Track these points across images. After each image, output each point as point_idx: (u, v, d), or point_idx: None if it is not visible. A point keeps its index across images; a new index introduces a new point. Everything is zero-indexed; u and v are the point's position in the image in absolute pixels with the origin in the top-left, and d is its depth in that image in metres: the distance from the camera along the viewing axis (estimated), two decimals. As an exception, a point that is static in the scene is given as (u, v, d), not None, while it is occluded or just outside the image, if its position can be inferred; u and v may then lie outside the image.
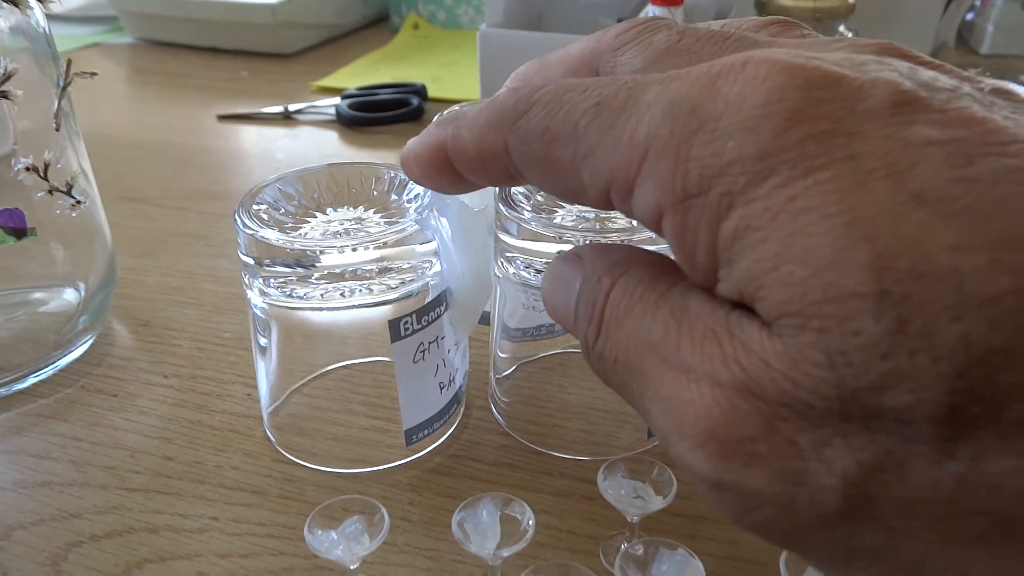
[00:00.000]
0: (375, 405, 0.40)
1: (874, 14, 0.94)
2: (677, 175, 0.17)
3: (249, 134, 0.77)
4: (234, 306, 0.48)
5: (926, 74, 0.17)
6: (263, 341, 0.38)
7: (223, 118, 0.80)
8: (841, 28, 0.81)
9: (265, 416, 0.39)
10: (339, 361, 0.42)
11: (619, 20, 0.84)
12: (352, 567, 0.29)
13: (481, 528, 0.28)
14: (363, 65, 0.95)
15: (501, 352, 0.41)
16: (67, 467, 0.36)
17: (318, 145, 0.74)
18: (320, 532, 0.28)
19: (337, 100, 0.80)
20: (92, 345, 0.45)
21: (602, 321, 0.19)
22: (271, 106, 0.80)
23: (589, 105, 0.19)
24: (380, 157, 0.71)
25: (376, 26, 1.14)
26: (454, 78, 0.90)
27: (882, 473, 0.15)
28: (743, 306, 0.17)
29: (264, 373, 0.38)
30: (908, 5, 0.95)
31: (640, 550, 0.27)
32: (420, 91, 0.81)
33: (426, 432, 0.36)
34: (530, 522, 0.28)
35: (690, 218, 0.17)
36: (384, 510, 0.29)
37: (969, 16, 0.85)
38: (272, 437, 0.38)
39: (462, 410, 0.39)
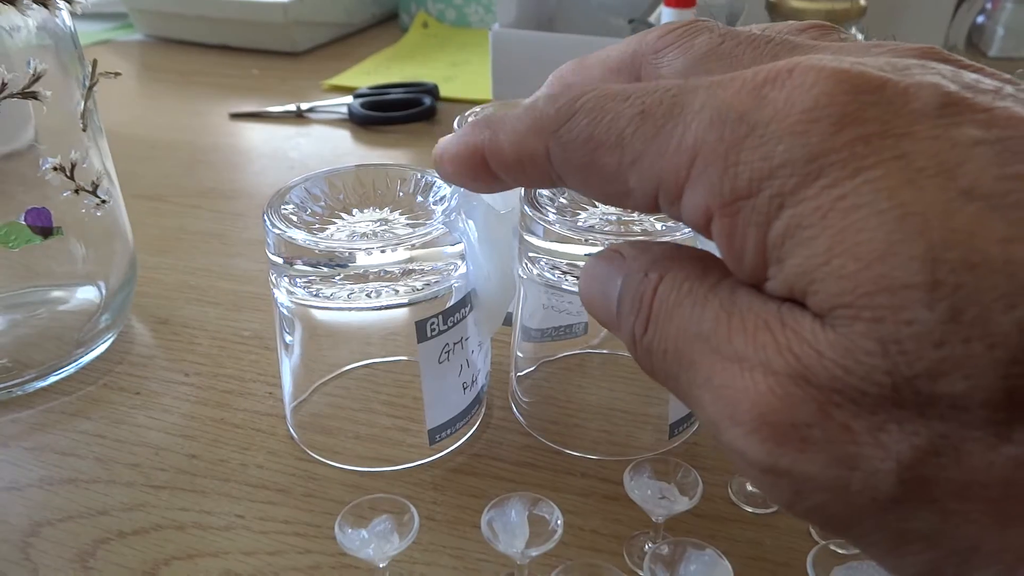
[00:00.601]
0: (397, 404, 0.40)
1: (884, 16, 0.94)
2: (726, 178, 0.17)
3: (261, 132, 0.77)
4: (252, 304, 0.49)
5: (969, 76, 0.17)
6: (288, 339, 0.38)
7: (235, 116, 0.80)
8: (852, 30, 0.81)
9: (288, 414, 0.39)
10: (361, 360, 0.42)
11: (630, 21, 0.84)
12: (381, 565, 0.29)
13: (510, 527, 0.28)
14: (374, 64, 0.96)
15: (521, 352, 0.42)
16: (92, 464, 0.37)
17: (331, 144, 0.74)
18: (351, 530, 0.28)
19: (349, 99, 0.80)
20: (113, 343, 0.45)
21: (650, 314, 0.20)
22: (283, 104, 0.81)
23: (633, 113, 0.19)
24: (393, 156, 0.71)
25: (385, 24, 1.14)
26: (465, 77, 0.90)
27: (937, 457, 0.15)
28: (792, 301, 0.17)
29: (288, 370, 0.39)
30: (918, 7, 0.95)
31: (667, 550, 0.27)
32: (432, 91, 0.81)
33: (449, 432, 0.37)
34: (559, 522, 0.28)
35: (739, 219, 0.17)
36: (413, 509, 0.29)
37: (979, 19, 0.85)
38: (295, 435, 0.38)
39: (483, 410, 0.40)
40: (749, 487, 0.35)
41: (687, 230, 0.33)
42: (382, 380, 0.42)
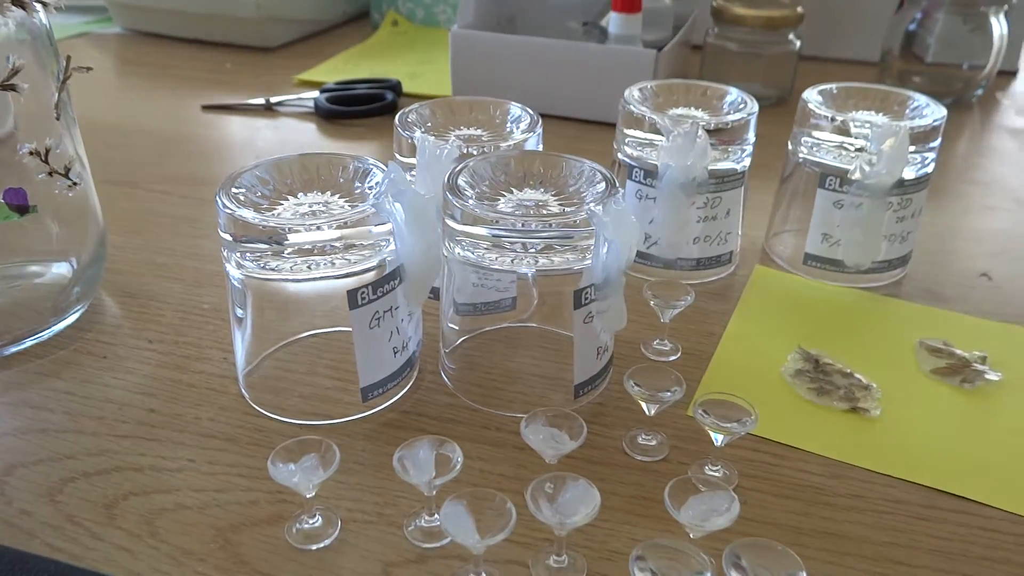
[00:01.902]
0: (339, 368, 0.45)
1: (823, 23, 1.00)
2: None
3: (232, 124, 0.81)
4: (214, 281, 0.53)
5: None
6: (240, 312, 0.42)
7: (207, 108, 0.84)
8: (791, 36, 0.86)
9: (240, 376, 0.44)
10: (309, 330, 0.47)
11: (583, 24, 0.89)
12: (308, 496, 0.34)
13: (418, 464, 0.33)
14: (343, 60, 1.00)
15: (452, 325, 0.46)
16: (62, 417, 0.41)
17: (297, 136, 0.79)
18: (281, 465, 0.33)
19: (316, 93, 0.84)
20: (84, 313, 0.49)
21: None
22: (253, 97, 0.85)
23: None
24: (354, 148, 0.76)
25: (357, 22, 1.18)
26: (429, 75, 0.95)
27: None
28: None
29: (240, 341, 0.43)
30: (855, 15, 1.01)
31: (549, 485, 0.32)
32: (395, 87, 0.85)
33: (381, 391, 0.41)
34: (459, 459, 0.33)
35: None
36: (335, 447, 0.34)
37: (911, 27, 0.90)
38: (246, 394, 0.43)
39: (415, 374, 0.44)
40: (640, 440, 0.40)
41: (586, 229, 0.38)
42: (327, 348, 0.46)
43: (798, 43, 0.87)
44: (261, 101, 0.84)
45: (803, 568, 0.28)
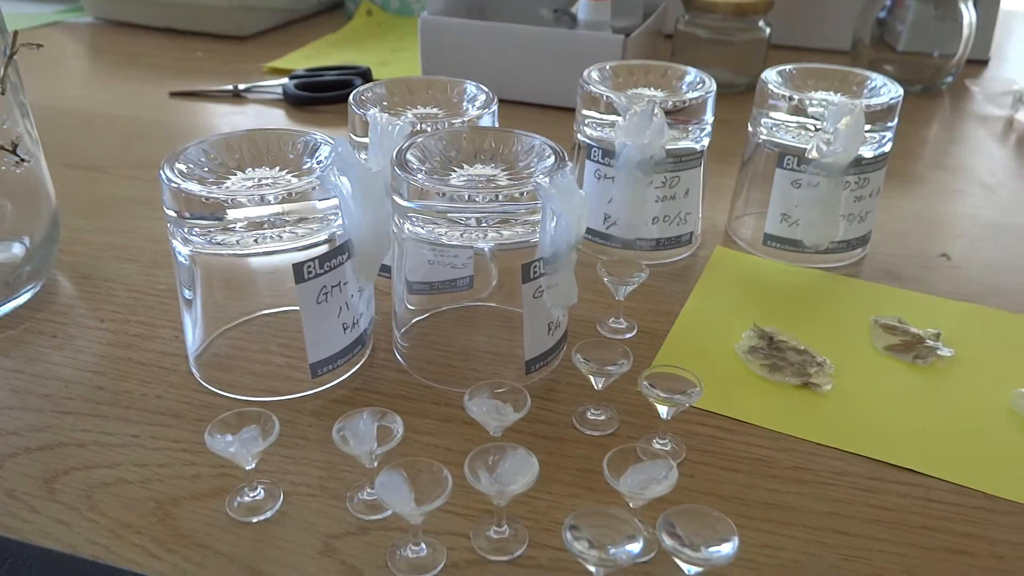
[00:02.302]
0: (291, 347, 0.45)
1: (794, 10, 1.00)
2: None
3: (199, 110, 0.81)
4: (169, 262, 0.52)
5: None
6: (188, 294, 0.42)
7: (175, 95, 0.84)
8: (760, 23, 0.87)
9: (191, 356, 0.43)
10: (261, 310, 0.47)
11: (554, 11, 0.89)
12: (248, 467, 0.34)
13: (359, 435, 0.33)
14: (315, 48, 0.99)
15: (408, 304, 0.46)
16: (7, 394, 0.41)
17: (264, 121, 0.78)
18: (219, 436, 0.33)
19: (285, 80, 0.84)
20: (36, 294, 0.49)
21: None
22: (222, 85, 0.84)
23: None
24: (322, 134, 0.75)
25: (331, 12, 1.17)
26: (400, 63, 0.94)
27: None
28: None
29: (190, 322, 0.43)
30: (827, 3, 1.01)
31: (490, 455, 0.32)
32: (364, 73, 0.85)
33: (330, 367, 0.41)
34: (400, 430, 0.33)
35: None
36: (275, 419, 0.33)
37: (882, 15, 0.91)
38: (196, 373, 0.43)
39: (367, 352, 0.44)
40: (590, 415, 0.40)
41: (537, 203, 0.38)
42: (279, 327, 0.46)
43: (768, 30, 0.87)
44: (229, 88, 0.84)
45: (736, 533, 0.28)
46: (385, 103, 0.50)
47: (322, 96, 0.81)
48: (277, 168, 0.41)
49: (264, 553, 0.33)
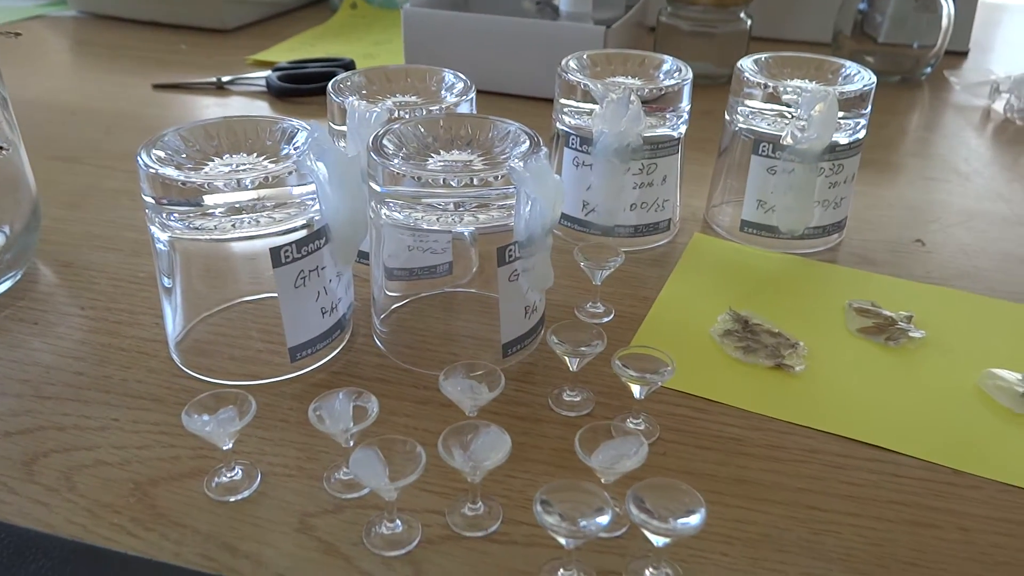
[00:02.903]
0: (270, 333, 0.45)
1: (775, 2, 1.01)
2: None
3: (182, 102, 0.81)
4: (150, 251, 0.53)
5: None
6: (167, 282, 0.42)
7: (158, 87, 0.84)
8: (741, 15, 0.87)
9: (171, 342, 0.44)
10: (241, 297, 0.47)
11: (537, 3, 0.89)
12: (225, 448, 0.34)
13: (335, 415, 0.34)
14: (300, 41, 1.00)
15: (387, 291, 0.47)
16: (-13, 380, 0.41)
17: (247, 113, 0.78)
18: (196, 416, 0.33)
19: (268, 72, 0.84)
20: (17, 282, 0.49)
21: None
22: (205, 77, 0.84)
23: None
24: (305, 125, 0.76)
25: (316, 5, 1.17)
26: (384, 55, 0.95)
27: None
28: None
29: (169, 310, 0.43)
30: (808, -4, 1.01)
31: (465, 433, 0.32)
32: (348, 66, 0.85)
33: (309, 351, 0.42)
34: (375, 409, 0.34)
35: None
36: (252, 399, 0.34)
37: (862, 7, 0.91)
38: (176, 358, 0.43)
39: (347, 336, 0.45)
40: (565, 397, 0.41)
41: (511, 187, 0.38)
42: (259, 314, 0.47)
43: (749, 21, 0.88)
44: (213, 80, 0.84)
45: (703, 504, 0.29)
46: (364, 91, 0.50)
47: (305, 88, 0.81)
48: (255, 155, 0.42)
49: (241, 531, 0.33)
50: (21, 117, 0.49)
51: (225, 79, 0.84)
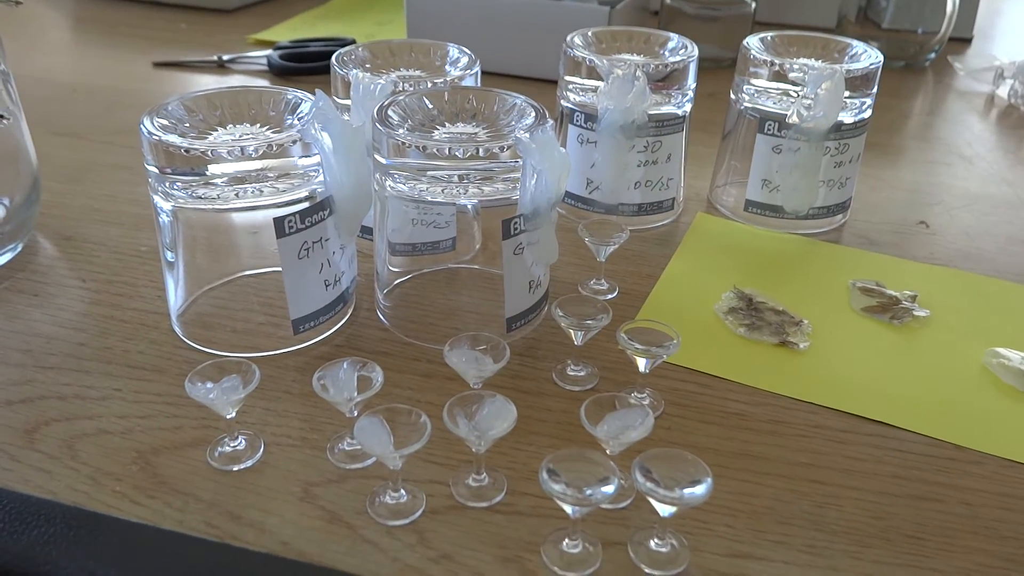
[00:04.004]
0: (273, 306, 0.45)
1: (779, -13, 1.00)
2: None
3: (182, 79, 0.80)
4: (152, 225, 0.52)
5: None
6: (170, 256, 0.42)
7: (158, 65, 0.83)
8: (746, -2, 0.87)
9: (173, 314, 0.43)
10: (243, 270, 0.47)
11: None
12: (229, 416, 0.34)
13: (339, 384, 0.33)
14: (301, 21, 0.99)
15: (390, 266, 0.46)
16: (-12, 350, 0.41)
17: (249, 92, 0.78)
18: (199, 383, 0.33)
19: (269, 51, 0.83)
20: (17, 254, 0.49)
21: None
22: (206, 55, 0.84)
23: None
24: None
25: (318, -14, 1.16)
26: (385, 35, 0.94)
27: None
28: None
29: (172, 283, 0.43)
30: (813, -20, 1.01)
31: (470, 403, 0.32)
32: (349, 44, 0.85)
33: (312, 324, 0.41)
34: (379, 378, 0.33)
35: None
36: (256, 368, 0.34)
37: (866, -8, 0.91)
38: (178, 330, 0.43)
39: (350, 310, 0.44)
40: (569, 371, 0.41)
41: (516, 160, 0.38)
42: (261, 287, 0.46)
43: (753, 5, 0.87)
44: (214, 59, 0.83)
45: (709, 474, 0.29)
46: (368, 65, 0.50)
47: (307, 67, 0.80)
48: (258, 125, 0.41)
49: (244, 499, 0.33)
50: (22, 92, 0.49)
51: (226, 58, 0.83)
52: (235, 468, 0.34)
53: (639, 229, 0.54)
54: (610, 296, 0.47)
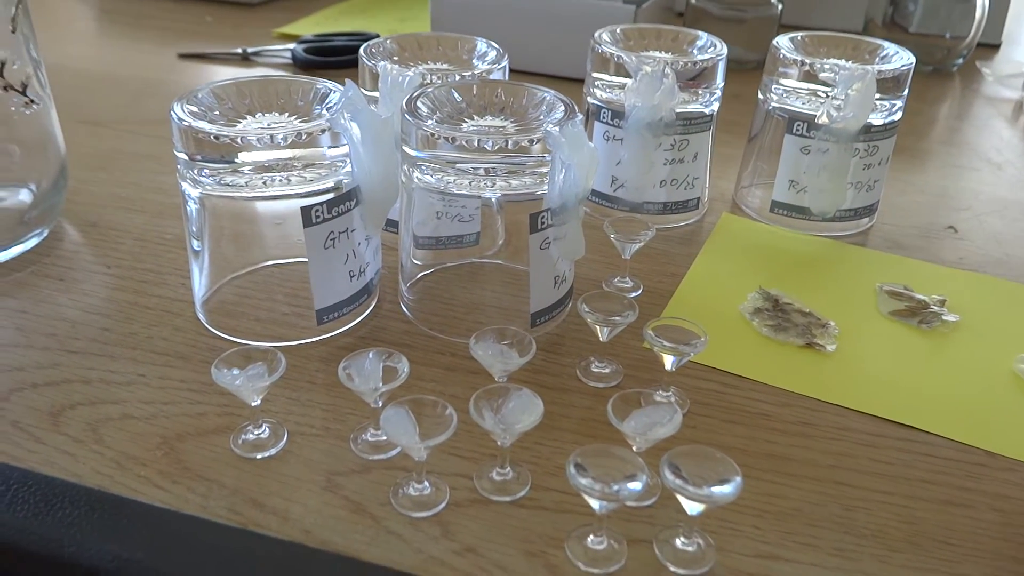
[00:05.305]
0: (297, 296, 0.45)
1: (806, -11, 0.99)
2: None
3: (206, 71, 0.81)
4: (177, 213, 0.53)
5: None
6: (196, 245, 0.42)
7: (183, 56, 0.83)
8: (772, 0, 0.86)
9: (197, 302, 0.43)
10: (268, 260, 0.47)
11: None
12: (254, 404, 0.34)
13: (364, 373, 0.33)
14: (325, 16, 0.99)
15: (414, 259, 0.46)
16: (13, 333, 0.41)
17: (272, 85, 0.78)
18: (225, 370, 0.33)
19: (293, 45, 0.84)
20: (43, 240, 0.49)
21: None
22: (231, 48, 0.84)
23: None
24: (330, 98, 0.75)
25: (342, -18, 1.17)
26: (408, 31, 0.94)
27: None
28: None
29: (197, 271, 0.43)
30: (840, -17, 1.00)
31: (496, 396, 0.32)
32: (372, 39, 0.84)
33: (336, 315, 0.41)
34: (405, 369, 0.33)
35: None
36: (282, 356, 0.33)
37: (894, -5, 0.90)
38: (202, 318, 0.43)
39: (373, 302, 0.44)
40: (594, 368, 0.40)
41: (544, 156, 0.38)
42: (288, 277, 0.46)
43: (780, 6, 0.87)
44: (238, 51, 0.83)
45: (739, 473, 0.29)
46: (395, 58, 0.50)
47: (331, 60, 0.80)
48: (287, 114, 0.41)
49: (267, 487, 0.33)
50: (50, 81, 0.49)
51: (250, 50, 0.83)
52: (259, 456, 0.34)
53: (663, 228, 0.53)
54: (635, 294, 0.47)
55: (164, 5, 1.02)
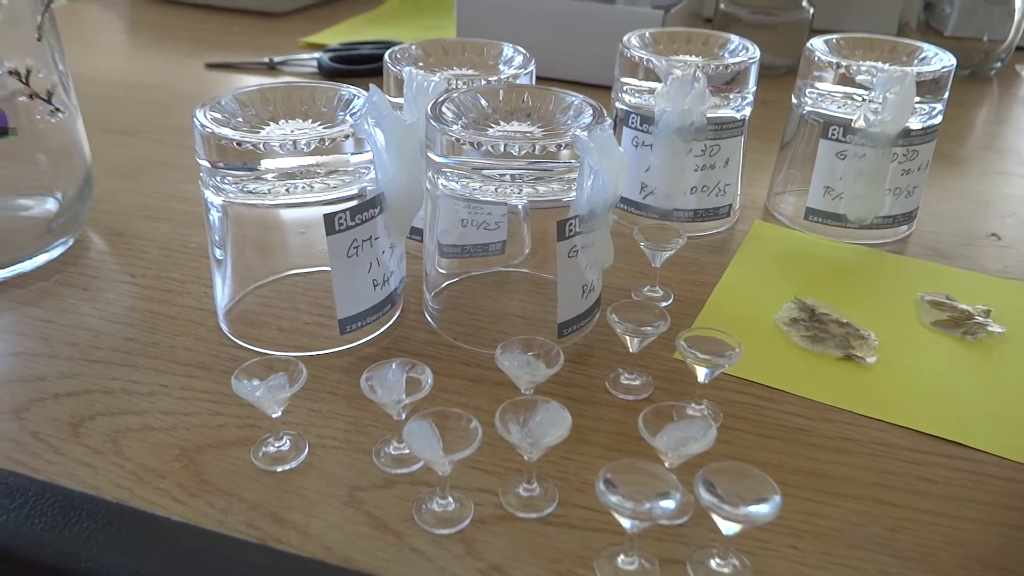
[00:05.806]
0: (320, 306, 0.44)
1: (838, -7, 0.97)
2: None
3: (233, 81, 0.81)
4: (201, 223, 0.52)
5: None
6: (219, 254, 0.42)
7: (210, 66, 0.84)
8: (804, 3, 0.85)
9: (220, 312, 0.43)
10: (291, 269, 0.46)
11: (592, -12, 0.87)
12: (274, 415, 0.33)
13: (387, 385, 0.32)
14: (351, 25, 0.99)
15: (439, 268, 0.45)
16: (37, 342, 0.41)
17: (298, 94, 0.78)
18: (246, 381, 0.32)
19: (319, 54, 0.84)
20: (69, 248, 0.49)
21: None
22: (257, 58, 0.84)
23: None
24: (355, 106, 0.75)
25: (368, -9, 1.17)
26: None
27: None
28: None
29: (220, 280, 0.43)
30: (873, -14, 0.98)
31: (522, 407, 0.31)
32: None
33: (360, 324, 0.40)
34: (429, 380, 0.32)
35: None
36: (303, 368, 0.33)
37: (929, -2, 0.88)
38: (224, 327, 0.42)
39: (397, 311, 0.43)
40: (623, 380, 0.39)
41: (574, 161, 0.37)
42: (311, 286, 0.46)
43: (811, 11, 0.85)
44: (265, 60, 0.84)
45: (777, 492, 0.27)
46: (420, 64, 0.49)
47: (357, 69, 0.80)
48: (310, 121, 0.41)
49: (288, 501, 0.32)
50: (78, 91, 0.49)
51: (277, 60, 0.84)
52: (279, 469, 0.33)
53: (694, 236, 0.52)
54: (665, 304, 0.46)
55: (192, 16, 1.03)
